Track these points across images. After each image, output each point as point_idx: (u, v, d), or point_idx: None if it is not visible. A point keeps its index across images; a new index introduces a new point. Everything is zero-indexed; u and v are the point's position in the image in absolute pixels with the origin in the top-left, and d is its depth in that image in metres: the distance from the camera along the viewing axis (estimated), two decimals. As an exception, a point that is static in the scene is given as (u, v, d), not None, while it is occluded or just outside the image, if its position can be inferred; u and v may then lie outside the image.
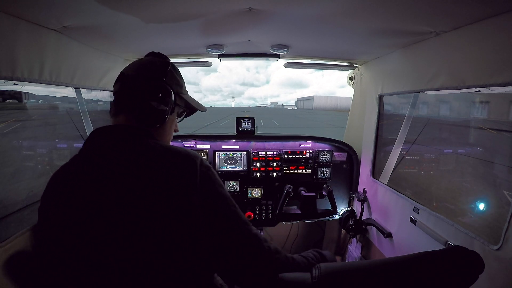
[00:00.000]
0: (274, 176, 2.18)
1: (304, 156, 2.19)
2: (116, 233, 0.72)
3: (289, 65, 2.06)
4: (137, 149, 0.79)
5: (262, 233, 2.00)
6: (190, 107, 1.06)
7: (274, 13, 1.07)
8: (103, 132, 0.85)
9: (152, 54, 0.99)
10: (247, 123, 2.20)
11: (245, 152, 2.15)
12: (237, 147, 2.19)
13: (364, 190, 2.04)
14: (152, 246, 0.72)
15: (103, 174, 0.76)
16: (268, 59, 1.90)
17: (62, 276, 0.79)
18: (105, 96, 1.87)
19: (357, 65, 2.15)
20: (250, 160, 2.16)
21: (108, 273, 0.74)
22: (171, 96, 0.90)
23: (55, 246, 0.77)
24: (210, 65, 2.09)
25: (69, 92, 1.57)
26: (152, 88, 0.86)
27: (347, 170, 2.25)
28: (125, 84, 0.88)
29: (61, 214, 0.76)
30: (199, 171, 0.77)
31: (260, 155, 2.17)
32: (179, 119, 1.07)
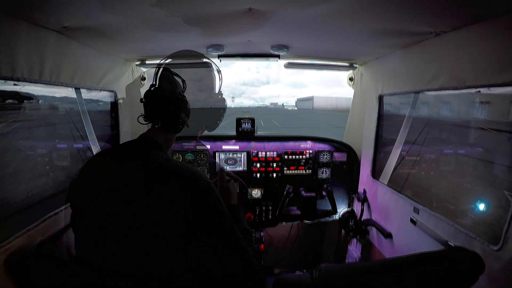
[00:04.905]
0: (274, 176, 2.18)
1: (304, 157, 2.19)
2: (117, 237, 0.78)
3: (289, 65, 2.06)
4: (151, 162, 0.86)
5: (262, 234, 2.01)
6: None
7: (274, 14, 1.07)
8: (136, 143, 0.97)
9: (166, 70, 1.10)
10: (247, 123, 2.20)
11: (245, 153, 2.15)
12: (237, 147, 2.19)
13: (364, 191, 2.04)
14: (147, 247, 0.77)
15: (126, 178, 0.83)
16: (268, 60, 1.89)
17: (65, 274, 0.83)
18: (105, 96, 1.86)
19: (357, 65, 2.14)
20: (250, 160, 2.16)
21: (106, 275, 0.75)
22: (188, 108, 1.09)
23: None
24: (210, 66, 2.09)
25: (69, 92, 1.57)
26: (179, 100, 1.04)
27: (347, 171, 2.25)
28: (156, 96, 1.01)
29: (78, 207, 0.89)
30: (201, 189, 0.81)
31: (260, 156, 2.17)
32: None
